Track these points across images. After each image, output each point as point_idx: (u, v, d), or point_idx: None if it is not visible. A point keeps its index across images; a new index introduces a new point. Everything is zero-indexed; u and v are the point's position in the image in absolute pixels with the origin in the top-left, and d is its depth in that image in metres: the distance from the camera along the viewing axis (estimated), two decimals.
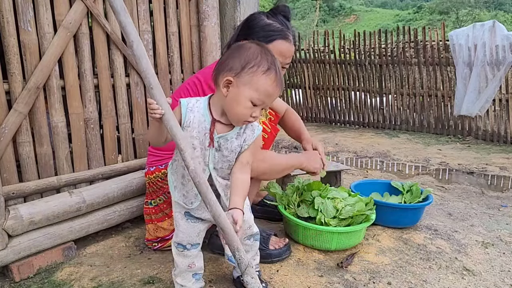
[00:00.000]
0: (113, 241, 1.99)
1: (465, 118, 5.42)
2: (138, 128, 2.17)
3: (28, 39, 1.69)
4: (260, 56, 1.22)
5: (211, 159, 1.30)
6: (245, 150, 1.32)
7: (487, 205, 2.75)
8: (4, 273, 1.67)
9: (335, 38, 6.75)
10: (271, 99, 1.26)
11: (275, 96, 1.26)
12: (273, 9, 1.76)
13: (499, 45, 4.92)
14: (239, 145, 1.30)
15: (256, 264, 1.55)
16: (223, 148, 1.29)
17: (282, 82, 1.27)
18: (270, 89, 1.22)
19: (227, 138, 1.28)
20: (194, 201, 1.35)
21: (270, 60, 1.23)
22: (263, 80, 1.21)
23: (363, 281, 1.62)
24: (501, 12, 39.61)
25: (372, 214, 1.92)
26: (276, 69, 1.23)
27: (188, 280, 1.44)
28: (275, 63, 1.24)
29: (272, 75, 1.22)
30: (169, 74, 2.28)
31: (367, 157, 4.43)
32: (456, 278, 1.68)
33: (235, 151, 1.31)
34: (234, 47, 1.29)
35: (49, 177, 1.81)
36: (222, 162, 1.31)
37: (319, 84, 6.74)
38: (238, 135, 1.30)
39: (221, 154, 1.30)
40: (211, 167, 1.31)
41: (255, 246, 1.52)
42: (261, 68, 1.21)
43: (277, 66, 1.24)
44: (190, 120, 1.27)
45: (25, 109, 1.69)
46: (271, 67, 1.22)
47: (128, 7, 2.02)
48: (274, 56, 1.26)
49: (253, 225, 1.48)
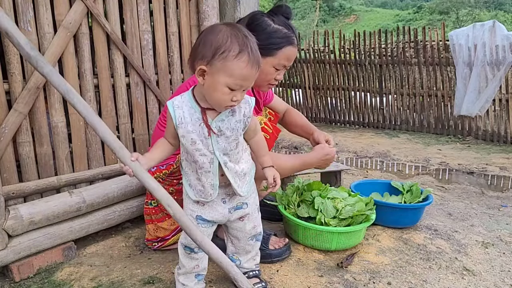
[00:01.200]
0: (113, 241, 1.99)
1: (465, 118, 5.42)
2: (138, 128, 2.17)
3: (28, 39, 1.68)
4: (229, 40, 1.18)
5: (216, 146, 1.29)
6: (251, 118, 1.32)
7: (487, 205, 2.75)
8: (4, 273, 1.67)
9: (335, 38, 6.75)
10: (249, 81, 1.22)
11: (252, 77, 1.22)
12: (274, 10, 1.75)
13: (499, 45, 4.92)
14: (238, 120, 1.29)
15: (256, 264, 1.55)
16: (225, 130, 1.28)
17: (257, 60, 1.21)
18: (245, 72, 1.18)
19: (223, 118, 1.27)
20: (212, 193, 1.34)
21: (241, 42, 1.18)
22: (236, 65, 1.17)
23: (363, 281, 1.62)
24: (501, 12, 39.60)
25: (372, 214, 1.91)
26: (249, 50, 1.18)
27: (191, 280, 1.45)
28: (247, 44, 1.19)
29: (244, 57, 1.17)
30: (169, 74, 2.28)
31: (367, 157, 4.43)
32: (456, 278, 1.68)
33: (237, 128, 1.29)
34: (206, 31, 1.25)
35: (49, 177, 1.81)
36: (229, 144, 1.30)
37: (319, 84, 6.74)
38: (232, 111, 1.28)
39: (224, 137, 1.29)
40: (218, 154, 1.30)
41: (257, 246, 1.53)
42: (232, 53, 1.17)
43: (250, 46, 1.19)
44: (181, 116, 1.27)
45: (25, 109, 1.69)
46: (243, 49, 1.18)
47: (128, 7, 2.03)
48: (246, 36, 1.21)
49: (258, 224, 1.48)
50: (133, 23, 2.06)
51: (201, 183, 1.34)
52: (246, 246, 1.49)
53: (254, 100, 1.33)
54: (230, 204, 1.41)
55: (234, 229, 1.46)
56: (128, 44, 2.05)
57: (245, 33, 1.22)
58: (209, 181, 1.32)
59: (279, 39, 1.66)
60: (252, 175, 1.43)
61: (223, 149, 1.30)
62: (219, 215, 1.39)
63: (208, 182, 1.33)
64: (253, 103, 1.32)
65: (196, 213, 1.38)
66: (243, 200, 1.42)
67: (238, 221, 1.44)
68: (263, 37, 1.65)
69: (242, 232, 1.46)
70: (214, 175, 1.32)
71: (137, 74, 2.10)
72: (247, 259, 1.52)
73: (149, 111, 2.19)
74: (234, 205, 1.41)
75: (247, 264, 1.52)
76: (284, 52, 1.67)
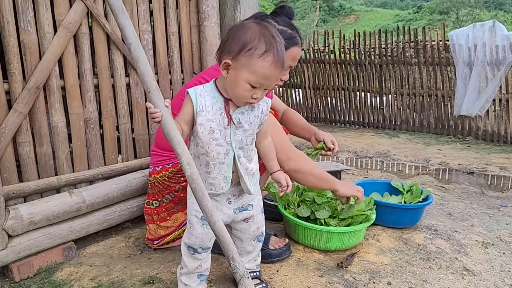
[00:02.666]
0: (113, 241, 1.99)
1: (465, 118, 5.42)
2: (138, 128, 2.17)
3: (28, 39, 1.69)
4: (258, 38, 1.20)
5: (233, 138, 1.30)
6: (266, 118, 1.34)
7: (487, 205, 2.75)
8: (4, 273, 1.67)
9: (335, 38, 6.75)
10: (271, 81, 1.24)
11: (274, 77, 1.23)
12: (277, 11, 1.76)
13: (499, 45, 4.92)
14: (256, 116, 1.32)
15: (256, 264, 1.55)
16: (244, 122, 1.30)
17: (282, 61, 1.23)
18: (268, 71, 1.20)
19: (243, 111, 1.30)
20: (224, 185, 1.35)
21: (268, 42, 1.20)
22: (260, 63, 1.19)
23: (363, 281, 1.62)
24: (501, 12, 39.62)
25: (372, 214, 1.91)
26: (275, 50, 1.20)
27: (193, 280, 1.45)
28: (274, 45, 1.21)
29: (269, 57, 1.19)
30: (169, 74, 2.28)
31: (367, 157, 4.43)
32: (456, 278, 1.68)
33: (254, 123, 1.32)
34: (236, 27, 1.28)
35: (49, 177, 1.81)
36: (246, 138, 1.32)
37: (319, 84, 6.74)
38: (252, 107, 1.31)
39: (242, 130, 1.31)
40: (235, 146, 1.31)
41: (258, 247, 1.53)
42: (258, 51, 1.19)
43: (276, 47, 1.21)
44: (203, 104, 1.27)
45: (25, 109, 1.69)
46: (269, 49, 1.19)
47: (128, 7, 2.03)
48: (273, 36, 1.22)
49: (262, 226, 1.49)
50: (133, 23, 2.06)
51: (212, 176, 1.33)
52: (248, 246, 1.50)
53: (271, 100, 1.35)
54: (235, 205, 1.41)
55: (238, 230, 1.47)
56: None
57: (274, 33, 1.24)
58: (222, 173, 1.33)
59: (285, 40, 1.67)
60: (257, 179, 1.44)
61: (240, 142, 1.31)
62: (224, 215, 1.39)
63: (222, 174, 1.33)
64: (270, 103, 1.35)
65: (201, 214, 1.38)
66: (248, 201, 1.43)
67: (242, 222, 1.44)
68: None
69: (245, 234, 1.46)
70: (229, 166, 1.32)
71: (137, 74, 2.09)
72: (248, 260, 1.52)
73: None
74: (239, 206, 1.42)
75: (248, 265, 1.52)
76: (290, 52, 1.69)
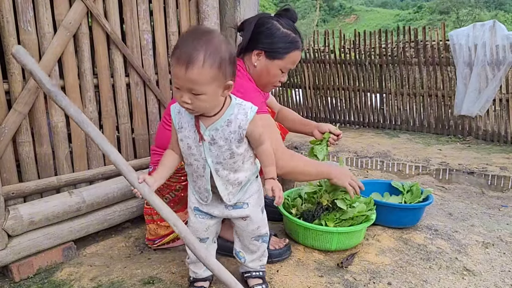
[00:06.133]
0: (113, 241, 1.99)
1: (465, 118, 5.42)
2: (138, 128, 2.17)
3: (28, 39, 1.69)
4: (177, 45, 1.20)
5: (208, 154, 1.30)
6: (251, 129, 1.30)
7: (487, 205, 2.75)
8: (4, 273, 1.67)
9: (335, 38, 6.75)
10: (180, 81, 1.18)
11: (180, 75, 1.17)
12: (281, 14, 1.77)
13: (499, 45, 4.92)
14: (233, 131, 1.27)
15: (261, 265, 1.54)
16: (218, 139, 1.28)
17: (186, 58, 1.15)
18: (173, 70, 1.19)
19: (217, 127, 1.27)
20: (207, 195, 1.37)
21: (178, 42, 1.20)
22: (171, 62, 1.20)
23: (363, 281, 1.62)
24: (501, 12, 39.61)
25: (372, 214, 1.91)
26: (178, 51, 1.17)
27: (200, 267, 1.48)
28: (180, 44, 1.18)
29: (173, 56, 1.18)
30: (169, 74, 2.28)
31: (367, 157, 4.43)
32: (457, 278, 1.68)
33: (231, 138, 1.28)
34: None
35: (49, 177, 1.81)
36: (222, 153, 1.30)
37: (319, 84, 6.74)
38: (228, 122, 1.27)
39: (216, 146, 1.29)
40: (210, 162, 1.31)
41: (262, 247, 1.51)
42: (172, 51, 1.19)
43: (179, 47, 1.17)
44: (181, 122, 1.30)
45: (25, 109, 1.69)
46: (175, 48, 1.18)
47: (128, 7, 2.03)
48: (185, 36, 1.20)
49: (263, 225, 1.48)
50: (133, 23, 2.06)
51: (197, 186, 1.38)
52: (250, 245, 1.49)
53: (254, 113, 1.30)
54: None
55: (237, 227, 1.47)
56: (128, 44, 2.05)
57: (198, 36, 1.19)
58: (203, 185, 1.36)
59: (288, 43, 1.71)
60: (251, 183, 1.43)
61: (216, 157, 1.30)
62: (215, 209, 1.41)
63: (202, 186, 1.36)
64: (252, 116, 1.29)
65: (194, 205, 1.42)
66: (243, 200, 1.42)
67: (240, 220, 1.44)
68: (272, 41, 1.70)
69: (245, 232, 1.46)
70: (207, 180, 1.34)
71: (137, 74, 2.10)
72: (252, 259, 1.51)
73: (149, 111, 2.19)
74: (232, 203, 1.41)
75: (252, 264, 1.52)
76: (291, 56, 1.72)
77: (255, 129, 1.31)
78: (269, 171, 1.39)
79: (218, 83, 1.18)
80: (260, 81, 1.76)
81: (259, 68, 1.73)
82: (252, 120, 1.29)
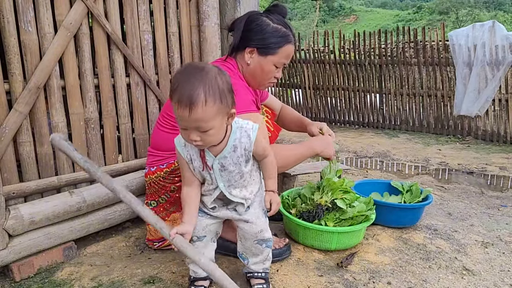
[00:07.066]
0: (114, 241, 1.99)
1: (465, 118, 5.42)
2: (138, 128, 2.17)
3: (29, 39, 1.69)
4: (174, 83, 1.21)
5: (219, 179, 1.35)
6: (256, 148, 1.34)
7: (486, 205, 2.75)
8: (5, 273, 1.68)
9: (335, 38, 6.75)
10: (187, 122, 1.20)
11: (184, 117, 1.19)
12: (271, 9, 1.77)
13: (498, 45, 4.93)
14: (240, 155, 1.32)
15: (264, 268, 1.53)
16: (227, 165, 1.32)
17: (188, 99, 1.15)
18: (176, 113, 1.19)
19: (225, 155, 1.31)
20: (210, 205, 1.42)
21: (174, 83, 1.20)
22: (172, 105, 1.20)
23: (363, 281, 1.62)
24: (500, 12, 39.65)
25: (372, 214, 1.92)
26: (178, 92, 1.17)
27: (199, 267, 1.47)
28: (177, 85, 1.19)
29: (174, 99, 1.19)
30: (169, 74, 2.28)
31: (367, 157, 4.44)
32: (456, 278, 1.68)
33: (239, 162, 1.33)
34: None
35: (49, 177, 1.81)
36: (233, 177, 1.35)
37: (319, 84, 6.74)
38: (234, 147, 1.31)
39: (227, 172, 1.34)
40: (222, 186, 1.36)
41: (266, 252, 1.49)
42: (170, 94, 1.20)
43: (178, 88, 1.18)
44: (190, 154, 1.33)
45: (26, 109, 1.70)
46: (174, 91, 1.18)
47: (128, 7, 2.04)
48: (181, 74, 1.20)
49: (266, 229, 1.46)
50: (133, 23, 2.07)
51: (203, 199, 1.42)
52: (252, 248, 1.48)
53: (256, 132, 1.34)
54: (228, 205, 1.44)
55: (240, 229, 1.47)
56: (128, 44, 2.05)
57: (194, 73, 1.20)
58: (209, 199, 1.40)
59: (280, 38, 1.70)
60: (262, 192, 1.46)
61: (227, 181, 1.36)
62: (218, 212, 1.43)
63: (208, 200, 1.40)
64: (254, 136, 1.33)
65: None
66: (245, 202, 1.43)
67: (243, 222, 1.44)
68: (263, 37, 1.69)
69: (248, 234, 1.45)
70: (213, 198, 1.39)
71: (137, 74, 2.10)
72: (255, 262, 1.50)
73: (150, 111, 2.20)
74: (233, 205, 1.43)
75: (255, 267, 1.51)
76: (284, 50, 1.71)
77: (259, 145, 1.35)
78: (271, 184, 1.43)
79: (222, 114, 1.21)
80: (255, 78, 1.75)
81: (252, 65, 1.73)
82: (256, 139, 1.33)
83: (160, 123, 1.75)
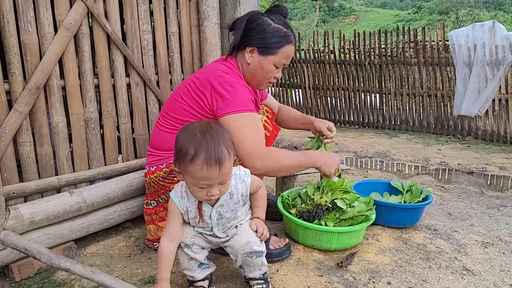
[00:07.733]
0: (114, 241, 1.99)
1: (465, 118, 5.43)
2: (138, 128, 2.18)
3: (29, 39, 1.69)
4: (187, 143, 1.22)
5: (215, 225, 1.39)
6: (251, 190, 1.41)
7: (486, 205, 2.75)
8: (5, 273, 1.68)
9: (335, 38, 6.76)
10: (211, 181, 1.24)
11: (213, 177, 1.22)
12: (272, 10, 1.77)
13: (498, 45, 4.93)
14: (237, 201, 1.37)
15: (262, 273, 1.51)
16: (224, 213, 1.37)
17: (217, 158, 1.20)
18: (203, 174, 1.20)
19: (222, 203, 1.35)
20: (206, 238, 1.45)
21: (197, 144, 1.21)
22: (193, 168, 1.21)
23: (363, 281, 1.62)
24: (500, 12, 39.67)
25: (372, 214, 1.92)
26: (205, 151, 1.19)
27: (194, 270, 1.47)
28: (203, 145, 1.21)
29: (199, 160, 1.19)
30: (169, 74, 2.28)
31: (367, 157, 4.44)
32: (456, 277, 1.68)
33: (236, 208, 1.38)
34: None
35: (49, 177, 1.81)
36: (228, 220, 1.40)
37: (319, 84, 6.75)
38: (230, 194, 1.35)
39: (224, 218, 1.38)
40: (217, 230, 1.41)
41: (258, 262, 1.45)
42: (188, 157, 1.20)
43: (206, 146, 1.20)
44: (186, 206, 1.36)
45: (26, 109, 1.70)
46: (198, 152, 1.19)
47: (128, 7, 2.04)
48: (204, 135, 1.23)
49: (254, 242, 1.41)
50: (133, 23, 2.07)
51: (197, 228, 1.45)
52: (244, 260, 1.45)
53: (250, 178, 1.40)
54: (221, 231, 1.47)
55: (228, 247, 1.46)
56: (128, 44, 2.06)
57: (205, 132, 1.23)
58: (201, 229, 1.44)
59: (280, 38, 1.71)
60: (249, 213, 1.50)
61: (222, 225, 1.41)
62: (211, 244, 1.48)
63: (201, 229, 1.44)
64: (249, 181, 1.39)
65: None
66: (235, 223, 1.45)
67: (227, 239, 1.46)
68: (264, 36, 1.69)
69: (234, 248, 1.43)
70: (207, 231, 1.43)
71: (137, 74, 2.10)
72: (251, 271, 1.49)
73: (150, 111, 2.20)
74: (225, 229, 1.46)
75: (252, 275, 1.50)
76: (284, 50, 1.72)
77: (254, 185, 1.42)
78: (259, 212, 1.48)
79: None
80: (255, 78, 1.76)
81: (252, 65, 1.73)
82: (251, 183, 1.40)
83: (160, 123, 1.75)
